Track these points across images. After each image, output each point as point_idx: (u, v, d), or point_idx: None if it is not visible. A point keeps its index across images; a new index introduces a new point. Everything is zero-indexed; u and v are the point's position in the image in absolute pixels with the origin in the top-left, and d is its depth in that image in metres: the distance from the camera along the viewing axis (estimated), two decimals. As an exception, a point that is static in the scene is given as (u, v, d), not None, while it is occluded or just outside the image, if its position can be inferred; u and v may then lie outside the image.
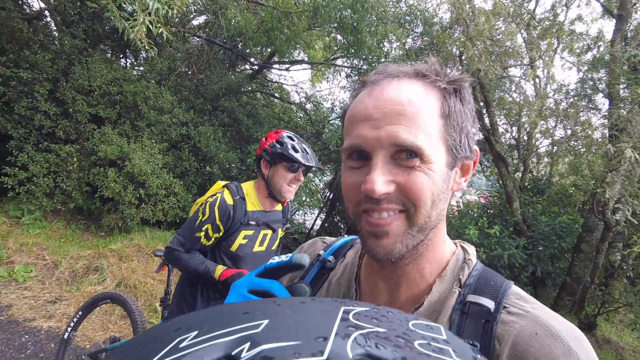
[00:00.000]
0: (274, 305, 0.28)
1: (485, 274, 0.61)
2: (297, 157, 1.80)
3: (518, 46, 5.63)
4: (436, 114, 0.54)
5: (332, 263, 0.75)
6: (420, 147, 0.52)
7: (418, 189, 0.53)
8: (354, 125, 0.56)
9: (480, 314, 0.55)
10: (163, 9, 3.80)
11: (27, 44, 5.34)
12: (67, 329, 2.56)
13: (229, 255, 1.89)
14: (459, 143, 0.57)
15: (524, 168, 6.97)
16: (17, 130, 5.16)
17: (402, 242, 0.55)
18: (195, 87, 6.90)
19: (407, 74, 0.57)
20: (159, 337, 0.24)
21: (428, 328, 0.27)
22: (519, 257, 5.34)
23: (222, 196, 1.82)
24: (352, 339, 0.22)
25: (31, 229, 5.00)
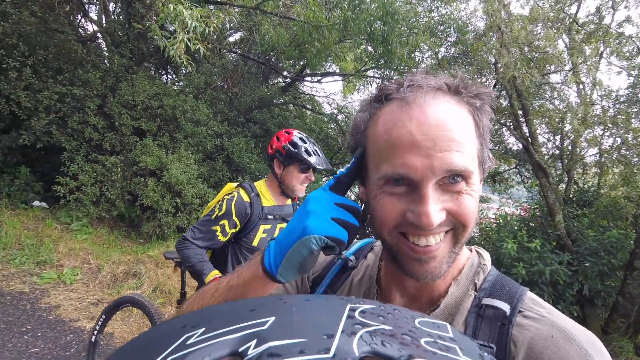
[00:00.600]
0: (280, 303, 0.28)
1: (500, 279, 0.61)
2: (311, 161, 1.87)
3: (559, 52, 5.37)
4: (474, 134, 0.55)
5: (353, 262, 0.76)
6: (471, 172, 0.53)
7: (469, 212, 0.54)
8: (397, 152, 0.53)
9: (496, 317, 0.55)
10: (200, 26, 4.03)
11: (81, 63, 5.82)
12: (93, 332, 2.68)
13: (251, 250, 1.95)
14: (487, 158, 0.58)
15: (568, 179, 6.54)
16: (70, 143, 5.60)
17: (447, 262, 0.56)
18: (229, 100, 7.18)
19: (442, 90, 0.55)
20: (165, 334, 0.24)
21: (434, 326, 0.27)
22: (563, 273, 4.99)
23: (238, 194, 1.90)
24: (358, 337, 0.22)
25: (79, 234, 5.37)
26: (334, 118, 7.98)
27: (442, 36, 6.70)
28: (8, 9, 5.18)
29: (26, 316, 3.74)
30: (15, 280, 4.28)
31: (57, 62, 5.76)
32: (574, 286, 5.19)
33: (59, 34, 5.77)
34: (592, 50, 5.26)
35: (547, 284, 5.08)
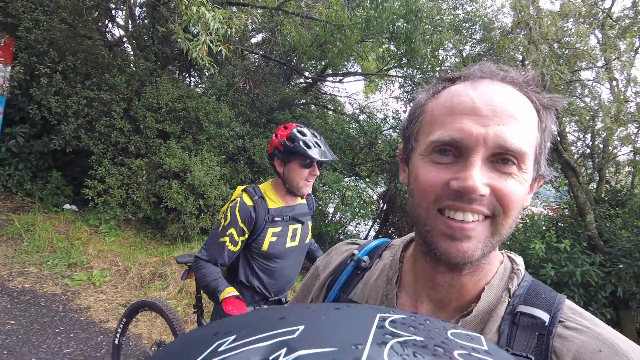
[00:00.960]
0: (309, 311, 0.28)
1: (535, 285, 0.58)
2: (311, 154, 1.74)
3: (591, 47, 5.18)
4: (536, 126, 0.54)
5: (367, 263, 0.73)
6: (525, 154, 0.50)
7: (513, 196, 0.51)
8: (454, 117, 0.52)
9: (533, 326, 0.52)
10: (223, 28, 4.04)
11: (108, 68, 5.93)
12: (115, 335, 2.70)
13: (261, 255, 1.86)
14: (543, 160, 0.56)
15: (599, 178, 6.33)
16: (97, 146, 5.72)
17: (483, 248, 0.53)
18: (251, 101, 7.21)
19: (514, 81, 0.55)
20: (198, 341, 0.25)
21: (468, 338, 0.26)
22: (594, 274, 4.85)
23: (241, 199, 1.81)
24: (388, 347, 0.22)
25: (107, 236, 5.48)
26: (356, 118, 7.93)
27: (467, 34, 6.56)
28: (40, 16, 5.32)
29: (59, 317, 3.83)
30: (49, 282, 4.39)
31: (85, 67, 5.88)
32: (607, 288, 5.04)
33: (87, 39, 5.89)
34: (627, 45, 5.07)
35: (578, 286, 4.95)
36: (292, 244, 1.92)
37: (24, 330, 3.48)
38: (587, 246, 5.33)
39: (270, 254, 1.85)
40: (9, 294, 4.00)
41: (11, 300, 3.90)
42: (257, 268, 1.87)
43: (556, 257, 5.07)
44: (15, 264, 4.57)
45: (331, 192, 6.21)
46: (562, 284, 4.94)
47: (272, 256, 1.86)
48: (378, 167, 7.27)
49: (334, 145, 7.15)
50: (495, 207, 0.51)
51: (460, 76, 0.57)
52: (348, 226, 8.25)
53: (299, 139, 1.77)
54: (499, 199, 0.51)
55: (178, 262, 2.47)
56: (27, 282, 4.29)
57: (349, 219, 7.61)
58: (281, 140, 1.79)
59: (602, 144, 6.15)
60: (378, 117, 8.14)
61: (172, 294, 4.65)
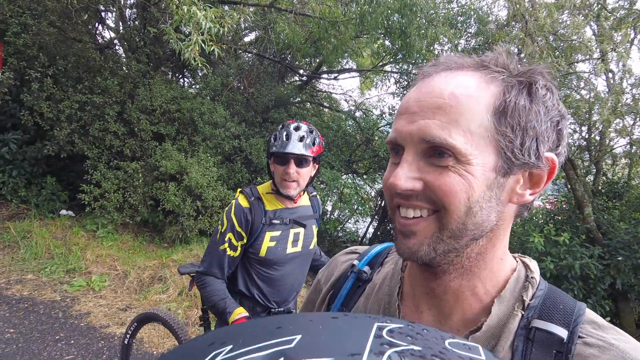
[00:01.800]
0: (306, 321, 0.28)
1: (551, 294, 0.54)
2: (271, 149, 1.66)
3: (586, 39, 5.15)
4: (485, 109, 0.49)
5: (368, 274, 0.70)
6: (453, 146, 0.47)
7: (447, 189, 0.48)
8: (396, 118, 0.55)
9: (550, 343, 0.49)
10: (215, 27, 3.99)
11: (99, 71, 5.86)
12: (126, 336, 2.70)
13: (259, 262, 1.74)
14: (519, 146, 0.49)
15: (596, 170, 6.35)
16: (92, 151, 5.67)
17: (429, 244, 0.51)
18: (246, 100, 7.16)
19: (469, 66, 0.52)
20: (194, 351, 0.25)
21: (465, 347, 0.26)
22: (594, 267, 4.88)
23: (236, 201, 1.72)
24: (386, 357, 0.22)
25: (105, 241, 5.46)
26: (352, 115, 7.89)
27: (461, 28, 6.51)
28: (28, 20, 5.24)
29: (59, 324, 3.82)
30: (47, 289, 4.38)
31: (77, 71, 5.81)
32: (606, 280, 5.08)
33: (77, 42, 5.81)
34: (623, 36, 5.04)
35: (577, 278, 4.98)
36: (294, 250, 1.80)
37: (23, 339, 3.47)
38: (586, 239, 5.35)
39: (269, 261, 1.74)
40: (7, 303, 3.98)
41: (10, 309, 3.89)
42: (255, 276, 1.77)
43: (555, 251, 5.10)
44: (13, 271, 4.55)
45: (329, 189, 6.19)
46: (562, 277, 4.97)
47: (271, 263, 1.75)
48: (375, 163, 7.25)
49: (331, 143, 7.12)
50: (435, 201, 0.50)
51: (421, 73, 0.56)
52: (347, 223, 8.26)
53: (274, 134, 1.70)
54: (434, 193, 0.49)
55: (181, 273, 2.38)
56: (25, 290, 4.27)
57: (347, 217, 7.61)
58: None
59: (599, 137, 6.16)
60: (374, 114, 8.11)
61: (173, 297, 4.64)
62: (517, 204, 0.53)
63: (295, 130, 1.68)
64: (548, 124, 0.50)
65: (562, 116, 0.52)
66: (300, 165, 1.67)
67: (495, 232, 0.53)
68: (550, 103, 0.50)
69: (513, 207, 0.54)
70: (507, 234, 0.56)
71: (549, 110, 0.50)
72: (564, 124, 0.52)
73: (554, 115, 0.51)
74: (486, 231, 0.52)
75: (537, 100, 0.50)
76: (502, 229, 0.54)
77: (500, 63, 0.52)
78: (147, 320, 2.70)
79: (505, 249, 0.57)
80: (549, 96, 0.51)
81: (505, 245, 0.56)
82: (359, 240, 8.29)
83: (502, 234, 0.55)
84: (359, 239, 8.31)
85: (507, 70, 0.51)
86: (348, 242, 8.08)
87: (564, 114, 0.52)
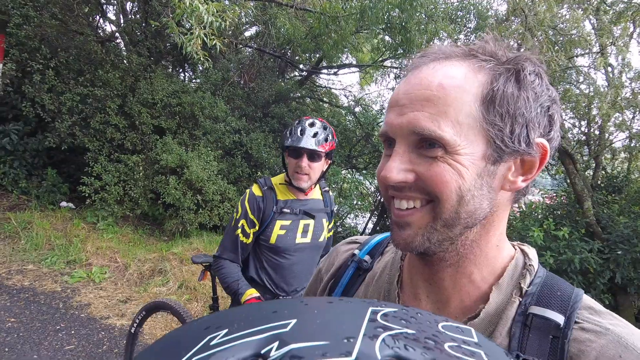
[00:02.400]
0: (301, 305, 0.28)
1: (549, 281, 0.54)
2: (286, 142, 1.74)
3: (586, 33, 5.17)
4: (473, 99, 0.49)
5: (368, 263, 0.71)
6: (442, 137, 0.48)
7: (438, 180, 0.49)
8: (387, 111, 0.55)
9: (547, 329, 0.49)
10: (217, 21, 4.00)
11: (101, 64, 5.87)
12: (132, 325, 2.71)
13: (270, 249, 1.82)
14: (508, 134, 0.49)
15: (595, 165, 6.35)
16: (93, 143, 5.68)
17: (423, 235, 0.52)
18: (247, 95, 7.17)
19: (457, 55, 0.53)
20: (189, 335, 0.25)
21: (458, 330, 0.27)
22: (593, 261, 4.89)
23: (250, 190, 1.81)
24: (380, 340, 0.22)
25: (105, 233, 5.46)
26: (352, 110, 7.90)
27: (461, 22, 6.54)
28: (30, 12, 5.25)
29: (59, 315, 3.82)
30: (48, 279, 4.38)
31: (78, 63, 5.82)
32: (605, 274, 5.08)
33: (79, 35, 5.82)
34: (622, 30, 5.06)
35: (577, 273, 4.99)
36: (303, 240, 1.86)
37: (24, 328, 3.47)
38: (585, 233, 5.36)
39: (279, 248, 1.81)
40: (8, 292, 3.98)
41: (10, 299, 3.89)
42: (265, 263, 1.85)
43: (555, 245, 5.11)
44: (14, 262, 4.54)
45: (329, 184, 6.21)
46: (561, 271, 4.97)
47: (280, 250, 1.82)
48: (375, 158, 7.27)
49: (331, 138, 7.12)
50: (428, 192, 0.50)
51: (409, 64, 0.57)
52: (346, 219, 8.27)
53: (290, 128, 1.78)
54: (425, 184, 0.50)
55: (194, 262, 2.47)
56: (26, 280, 4.27)
57: (347, 212, 7.62)
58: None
59: (598, 131, 6.17)
60: (374, 109, 8.13)
61: (172, 290, 4.64)
62: (509, 190, 0.53)
63: (310, 127, 1.76)
64: (538, 110, 0.50)
65: (553, 101, 0.52)
66: (312, 160, 1.74)
67: (489, 219, 0.53)
68: (539, 89, 0.50)
69: (506, 194, 0.54)
70: (503, 222, 0.56)
71: (539, 96, 0.50)
72: (555, 109, 0.52)
73: (544, 101, 0.51)
74: (480, 219, 0.52)
75: (525, 86, 0.50)
76: (497, 216, 0.54)
77: (487, 51, 0.52)
78: (156, 309, 2.71)
79: (502, 236, 0.56)
80: (537, 82, 0.51)
81: (502, 232, 0.56)
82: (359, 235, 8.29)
83: (497, 221, 0.55)
84: (358, 234, 8.32)
85: (495, 58, 0.51)
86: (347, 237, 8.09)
87: (555, 99, 0.52)
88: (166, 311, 2.69)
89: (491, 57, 0.51)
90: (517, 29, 5.23)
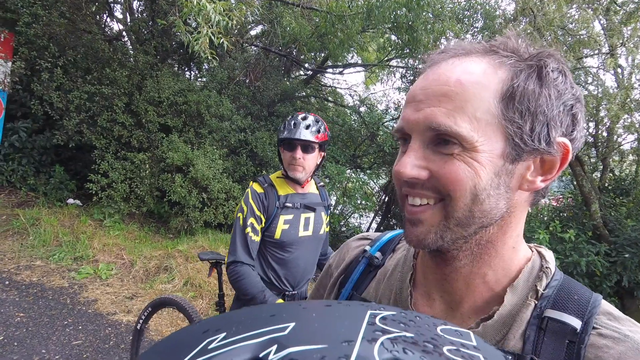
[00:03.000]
0: (300, 309, 0.28)
1: (566, 285, 0.53)
2: (280, 135, 1.82)
3: (595, 34, 5.11)
4: (492, 95, 0.48)
5: (379, 260, 0.70)
6: (458, 134, 0.47)
7: (453, 178, 0.48)
8: (404, 107, 0.55)
9: (563, 333, 0.48)
10: (224, 20, 4.01)
11: (108, 62, 5.91)
12: (139, 321, 2.74)
13: (274, 244, 1.85)
14: (528, 132, 0.48)
15: (603, 167, 6.30)
16: (100, 141, 5.72)
17: (436, 232, 0.51)
18: (252, 94, 7.18)
19: (477, 52, 0.52)
20: (188, 339, 0.25)
21: (457, 334, 0.27)
22: (600, 264, 4.85)
23: (251, 188, 1.86)
24: (379, 343, 0.22)
25: (111, 230, 5.51)
26: (357, 110, 7.89)
27: (468, 22, 6.48)
28: (39, 10, 5.29)
29: (67, 310, 3.87)
30: (55, 275, 4.44)
31: (86, 61, 5.87)
32: (612, 277, 5.05)
33: (86, 34, 5.86)
34: (632, 31, 5.00)
35: (583, 275, 4.96)
36: (305, 233, 1.91)
37: (33, 323, 3.52)
38: (592, 236, 5.31)
39: (283, 242, 1.85)
40: (17, 288, 4.04)
41: (19, 294, 3.95)
42: (271, 259, 1.88)
43: (561, 248, 5.07)
44: (22, 257, 4.61)
45: (334, 183, 6.21)
46: (567, 274, 4.88)
47: (284, 245, 1.86)
48: (380, 158, 7.25)
49: (336, 138, 7.13)
50: (440, 190, 0.50)
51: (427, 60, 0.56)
52: (350, 218, 8.26)
53: (283, 123, 1.85)
54: (439, 181, 0.49)
55: (201, 259, 2.48)
56: (34, 276, 4.33)
57: (351, 212, 7.61)
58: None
59: (607, 132, 6.11)
60: (379, 109, 8.10)
61: (178, 287, 4.68)
62: (527, 190, 0.52)
63: (302, 120, 1.84)
64: (561, 109, 0.49)
65: (577, 99, 0.50)
66: (306, 151, 1.81)
67: (506, 219, 0.52)
68: (562, 86, 0.49)
69: (524, 194, 0.52)
70: (520, 223, 0.55)
71: (562, 94, 0.49)
72: (579, 107, 0.50)
73: (568, 99, 0.49)
74: (496, 219, 0.51)
75: (547, 84, 0.48)
76: (514, 217, 0.53)
77: (509, 47, 0.51)
78: (162, 306, 2.73)
79: (518, 237, 0.55)
80: (561, 79, 0.49)
81: (518, 234, 0.55)
82: (363, 235, 8.27)
83: (514, 222, 0.53)
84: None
85: (516, 54, 0.50)
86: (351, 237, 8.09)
87: (579, 98, 0.50)
88: (172, 307, 2.71)
89: (512, 54, 0.50)
90: (525, 29, 5.18)
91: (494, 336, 0.51)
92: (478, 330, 0.52)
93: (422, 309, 0.59)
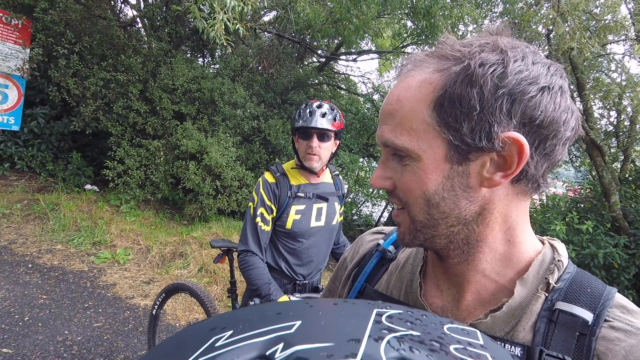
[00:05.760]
0: (306, 307, 0.29)
1: (579, 278, 0.53)
2: (296, 124, 1.77)
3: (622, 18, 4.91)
4: (424, 106, 0.50)
5: (392, 253, 0.72)
6: (402, 146, 0.51)
7: (405, 187, 0.53)
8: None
9: (574, 325, 0.48)
10: (239, 5, 3.96)
11: (123, 49, 5.92)
12: (154, 307, 2.79)
13: (286, 234, 1.85)
14: (468, 132, 0.47)
15: (624, 157, 6.13)
16: (116, 128, 5.78)
17: (409, 233, 0.56)
18: (265, 81, 7.14)
19: (425, 62, 0.53)
20: (195, 337, 0.25)
21: (464, 332, 0.27)
22: (618, 257, 4.76)
23: (263, 178, 1.84)
24: (385, 342, 0.22)
25: (128, 216, 5.60)
26: (370, 98, 7.78)
27: (487, 7, 6.29)
28: (55, -4, 5.32)
29: (87, 293, 3.97)
30: (75, 259, 4.55)
31: (101, 48, 5.89)
32: (630, 270, 4.96)
33: (101, 20, 5.87)
34: (661, 15, 4.78)
35: (600, 268, 4.88)
36: (317, 224, 1.89)
37: (55, 305, 3.63)
38: (611, 228, 5.21)
39: (295, 233, 1.84)
40: (39, 270, 4.16)
41: (42, 276, 4.06)
42: (282, 249, 1.87)
43: (578, 239, 4.99)
44: (43, 241, 4.73)
45: (347, 171, 6.18)
46: (584, 266, 4.87)
47: (296, 235, 1.85)
48: (394, 147, 7.14)
49: (349, 126, 7.07)
50: (401, 198, 0.55)
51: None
52: (362, 207, 8.25)
53: (297, 111, 1.81)
54: (399, 190, 0.54)
55: (212, 246, 2.50)
56: (55, 259, 4.45)
57: (363, 200, 7.59)
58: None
59: (629, 122, 5.92)
60: (393, 97, 7.94)
61: (193, 272, 4.76)
62: (489, 187, 0.50)
63: (317, 108, 1.79)
64: (503, 100, 0.45)
65: (534, 82, 0.46)
66: (322, 140, 1.78)
67: (487, 216, 0.52)
68: (500, 76, 0.45)
69: (499, 189, 0.50)
70: (511, 216, 0.53)
71: (499, 86, 0.45)
72: (533, 89, 0.46)
73: (513, 87, 0.45)
74: (465, 217, 0.51)
75: (476, 81, 0.46)
76: (497, 212, 0.52)
77: (455, 49, 0.50)
78: (175, 291, 2.77)
79: (514, 231, 0.54)
80: (498, 70, 0.46)
81: (511, 227, 0.53)
82: (374, 223, 8.28)
83: (499, 217, 0.52)
84: (374, 223, 8.31)
85: (453, 57, 0.49)
86: (363, 225, 8.10)
87: (535, 79, 0.46)
88: (185, 292, 2.76)
89: (451, 58, 0.50)
90: (547, 14, 5.00)
91: (503, 327, 0.52)
92: (487, 322, 0.53)
93: (432, 300, 0.61)
